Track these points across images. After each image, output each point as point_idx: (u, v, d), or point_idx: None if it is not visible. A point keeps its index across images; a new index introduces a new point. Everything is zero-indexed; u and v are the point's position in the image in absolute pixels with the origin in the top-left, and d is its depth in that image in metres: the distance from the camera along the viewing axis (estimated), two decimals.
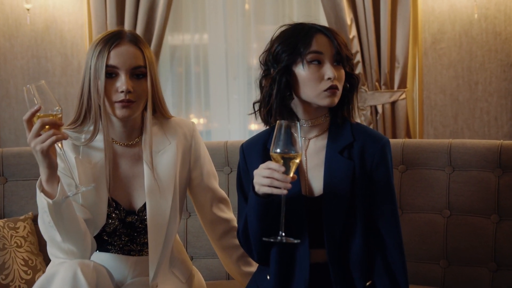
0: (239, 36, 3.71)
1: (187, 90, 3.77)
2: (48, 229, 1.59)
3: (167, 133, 1.80)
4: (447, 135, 3.62)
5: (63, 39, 3.62)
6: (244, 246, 1.69)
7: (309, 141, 1.68)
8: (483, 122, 3.58)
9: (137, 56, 1.70)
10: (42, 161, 1.51)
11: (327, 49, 1.61)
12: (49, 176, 1.53)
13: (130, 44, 1.70)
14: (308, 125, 1.67)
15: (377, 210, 1.62)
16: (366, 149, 1.63)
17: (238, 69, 3.74)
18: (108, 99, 1.68)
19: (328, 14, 3.46)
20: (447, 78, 3.58)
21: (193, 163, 1.84)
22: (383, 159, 1.63)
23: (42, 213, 1.57)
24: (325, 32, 1.63)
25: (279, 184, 1.47)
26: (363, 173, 1.62)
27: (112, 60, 1.67)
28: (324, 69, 1.60)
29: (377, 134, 1.68)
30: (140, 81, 1.69)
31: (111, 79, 1.68)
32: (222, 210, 1.87)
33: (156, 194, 1.73)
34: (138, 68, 1.69)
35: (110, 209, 1.73)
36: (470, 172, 2.18)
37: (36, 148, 1.49)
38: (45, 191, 1.54)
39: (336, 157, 1.63)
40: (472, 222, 2.15)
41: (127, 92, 1.65)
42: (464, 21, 3.53)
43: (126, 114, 1.67)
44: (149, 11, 3.48)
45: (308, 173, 1.66)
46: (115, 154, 1.76)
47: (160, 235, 1.72)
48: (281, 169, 1.47)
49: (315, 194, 1.64)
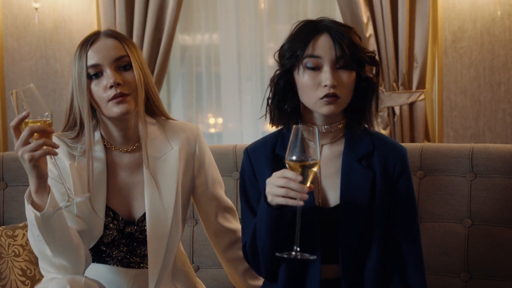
0: (251, 35, 3.61)
1: (198, 91, 3.68)
2: (38, 243, 1.50)
3: (169, 138, 1.70)
4: (468, 137, 3.49)
5: (72, 39, 3.55)
6: (251, 261, 1.59)
7: (322, 147, 1.57)
8: (505, 124, 3.44)
9: (117, 46, 1.61)
10: (31, 171, 1.42)
11: (326, 53, 1.48)
12: (39, 186, 1.44)
13: (105, 38, 1.61)
14: (322, 131, 1.56)
15: (397, 224, 1.53)
16: (388, 159, 1.53)
17: (251, 70, 3.65)
18: (100, 101, 1.58)
19: (344, 12, 3.35)
20: (468, 78, 3.45)
21: (197, 170, 1.74)
22: (405, 170, 1.54)
23: (31, 226, 1.48)
24: (329, 32, 1.49)
25: (295, 194, 1.36)
26: (384, 184, 1.52)
27: (92, 59, 1.58)
28: (322, 75, 1.48)
29: (397, 144, 1.59)
30: (127, 72, 1.60)
31: (97, 80, 1.59)
32: (228, 220, 1.77)
33: (156, 203, 1.63)
34: (121, 58, 1.60)
35: (107, 219, 1.64)
36: (494, 179, 2.05)
37: (24, 157, 1.39)
38: (34, 203, 1.45)
39: (354, 166, 1.52)
40: (496, 232, 2.03)
41: (117, 85, 1.56)
42: (486, 18, 3.39)
43: (124, 109, 1.57)
44: (159, 10, 3.41)
45: (323, 182, 1.55)
46: (113, 161, 1.66)
47: (161, 246, 1.62)
48: (298, 178, 1.36)
49: (330, 204, 1.54)
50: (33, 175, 1.42)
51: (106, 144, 1.67)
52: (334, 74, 1.48)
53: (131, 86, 1.59)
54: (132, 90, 1.59)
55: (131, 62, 1.60)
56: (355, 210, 1.50)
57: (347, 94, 1.50)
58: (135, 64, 1.60)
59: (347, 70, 1.49)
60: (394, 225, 1.53)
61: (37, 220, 1.44)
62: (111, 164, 1.66)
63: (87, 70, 1.58)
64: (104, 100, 1.58)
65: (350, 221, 1.49)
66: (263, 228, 1.47)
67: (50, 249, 1.49)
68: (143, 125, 1.62)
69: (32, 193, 1.45)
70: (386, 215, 1.52)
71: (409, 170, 1.56)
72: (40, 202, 1.44)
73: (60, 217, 1.48)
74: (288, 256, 1.40)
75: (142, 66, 1.63)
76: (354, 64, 1.49)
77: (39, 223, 1.44)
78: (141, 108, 1.62)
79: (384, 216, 1.52)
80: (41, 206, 1.44)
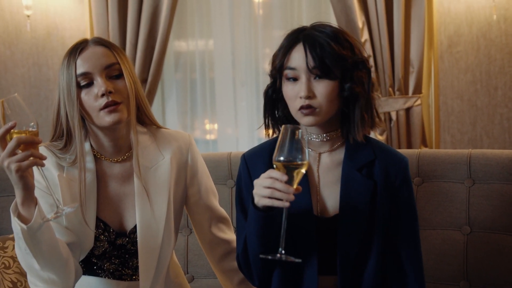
0: (246, 41, 3.58)
1: (192, 98, 3.64)
2: (25, 256, 1.45)
3: (160, 147, 1.66)
4: (465, 142, 3.46)
5: (65, 46, 3.51)
6: (244, 269, 1.55)
7: (320, 155, 1.53)
8: (503, 129, 3.42)
9: (107, 54, 1.56)
10: (17, 182, 1.37)
11: (301, 63, 1.44)
12: (25, 198, 1.39)
13: (94, 46, 1.57)
14: (320, 139, 1.52)
15: (397, 235, 1.50)
16: (389, 169, 1.50)
17: (246, 76, 3.61)
18: (91, 110, 1.54)
19: (339, 17, 3.33)
20: (464, 83, 3.42)
21: (190, 179, 1.70)
22: (406, 181, 1.51)
23: (17, 239, 1.43)
24: (304, 41, 1.44)
25: (281, 195, 1.32)
26: (384, 194, 1.49)
27: (81, 67, 1.54)
28: (298, 86, 1.45)
29: (399, 153, 1.55)
30: (118, 80, 1.56)
31: (87, 89, 1.54)
32: (222, 230, 1.73)
33: (147, 215, 1.59)
34: (112, 66, 1.55)
35: (98, 231, 1.59)
36: (492, 185, 2.02)
37: (10, 167, 1.35)
38: (21, 215, 1.40)
39: (354, 175, 1.49)
40: (495, 239, 2.00)
41: (108, 93, 1.52)
42: (482, 23, 3.36)
43: (117, 118, 1.53)
44: (152, 17, 3.38)
45: (321, 191, 1.51)
46: (104, 172, 1.62)
47: (152, 259, 1.58)
48: (284, 178, 1.33)
49: (329, 214, 1.50)
50: (19, 186, 1.38)
51: (96, 154, 1.63)
52: (309, 84, 1.44)
53: (123, 94, 1.56)
54: (124, 98, 1.56)
55: (122, 70, 1.57)
56: (355, 220, 1.46)
57: (327, 104, 1.44)
58: (126, 72, 1.57)
59: (325, 80, 1.44)
60: (394, 236, 1.50)
61: (23, 233, 1.40)
62: (101, 174, 1.62)
63: (76, 79, 1.54)
64: (95, 109, 1.54)
65: (349, 231, 1.46)
66: (253, 232, 1.43)
67: (38, 263, 1.45)
68: (134, 134, 1.59)
69: (19, 205, 1.41)
70: (386, 226, 1.49)
71: (410, 180, 1.53)
72: (26, 214, 1.40)
73: (48, 229, 1.44)
74: (273, 257, 1.35)
75: (132, 74, 1.59)
76: (331, 73, 1.43)
77: (26, 236, 1.40)
78: (132, 117, 1.58)
79: (384, 226, 1.48)
80: (28, 219, 1.40)
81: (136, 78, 1.61)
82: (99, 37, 1.62)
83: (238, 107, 3.64)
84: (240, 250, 1.52)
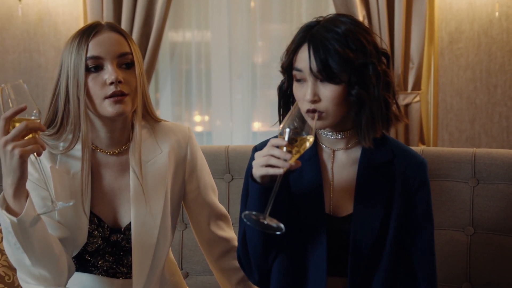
0: (243, 33, 3.51)
1: (187, 89, 3.57)
2: (15, 252, 1.37)
3: (158, 140, 1.58)
4: (463, 140, 3.41)
5: (57, 32, 3.42)
6: (244, 265, 1.48)
7: (335, 152, 1.47)
8: (501, 128, 3.37)
9: (122, 42, 1.49)
10: (16, 170, 1.29)
11: (305, 65, 1.37)
12: (18, 188, 1.31)
13: (110, 31, 1.49)
14: (335, 137, 1.45)
15: (412, 240, 1.44)
16: (408, 170, 1.44)
17: (242, 68, 3.54)
18: (95, 97, 1.46)
19: (339, 10, 3.26)
20: (464, 80, 3.37)
21: (188, 175, 1.63)
22: (425, 184, 1.45)
23: (6, 233, 1.35)
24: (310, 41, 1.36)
25: (277, 162, 1.25)
26: (401, 196, 1.42)
27: (94, 50, 1.46)
28: (305, 88, 1.38)
29: (418, 154, 1.49)
30: (129, 71, 1.49)
31: (95, 73, 1.46)
32: (221, 228, 1.66)
33: (143, 211, 1.52)
34: (125, 56, 1.48)
35: (92, 226, 1.51)
36: (497, 186, 1.97)
37: (14, 152, 1.27)
38: (9, 208, 1.32)
39: (370, 174, 1.42)
40: (499, 241, 1.95)
41: (118, 82, 1.44)
42: (483, 19, 3.31)
43: (121, 110, 1.45)
44: (148, 5, 3.29)
45: (335, 189, 1.45)
46: (98, 164, 1.54)
47: (147, 257, 1.51)
48: (282, 142, 1.26)
49: (341, 213, 1.44)
50: (17, 174, 1.29)
51: (91, 145, 1.55)
52: (315, 88, 1.37)
53: (131, 86, 1.48)
54: (131, 90, 1.48)
55: (134, 60, 1.49)
56: (369, 220, 1.40)
57: (333, 109, 1.37)
58: (137, 63, 1.49)
59: (330, 83, 1.36)
60: (408, 241, 1.45)
61: (13, 226, 1.32)
62: (95, 166, 1.54)
63: (86, 62, 1.45)
64: (100, 96, 1.46)
65: (363, 232, 1.40)
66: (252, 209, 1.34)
67: (29, 258, 1.37)
68: (139, 129, 1.51)
69: (9, 196, 1.32)
70: (401, 230, 1.43)
71: (429, 184, 1.47)
72: (16, 207, 1.32)
73: (40, 223, 1.36)
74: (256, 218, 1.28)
75: (142, 70, 1.52)
76: (335, 77, 1.35)
77: (16, 230, 1.32)
78: (139, 110, 1.51)
79: (398, 230, 1.42)
80: (17, 212, 1.32)
81: (144, 73, 1.54)
82: (114, 23, 1.54)
83: (233, 100, 3.57)
84: (240, 242, 1.46)
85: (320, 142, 1.48)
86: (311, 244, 1.40)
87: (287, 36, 3.49)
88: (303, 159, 1.41)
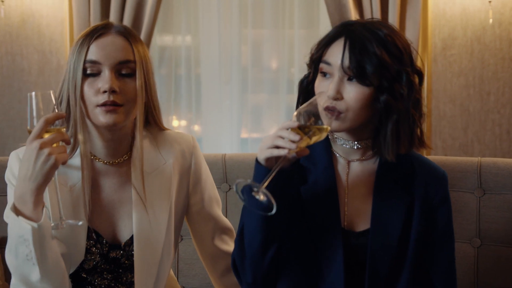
0: (234, 38, 3.43)
1: (177, 94, 3.48)
2: (24, 264, 1.29)
3: (161, 150, 1.49)
4: (456, 148, 3.38)
5: (41, 35, 3.30)
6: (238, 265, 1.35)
7: (350, 163, 1.39)
8: (494, 135, 3.35)
9: (125, 48, 1.40)
10: (45, 175, 1.25)
11: (336, 60, 1.30)
12: (38, 195, 1.27)
13: (116, 35, 1.40)
14: (350, 146, 1.38)
15: (432, 258, 1.37)
16: (429, 184, 1.36)
17: (231, 74, 3.46)
18: (88, 103, 1.38)
19: (332, 15, 3.20)
20: (457, 87, 3.34)
21: (193, 186, 1.54)
22: (446, 199, 1.39)
23: (18, 243, 1.27)
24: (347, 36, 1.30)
25: (283, 142, 1.17)
26: (421, 212, 1.35)
27: (93, 54, 1.37)
28: (328, 83, 1.31)
29: (438, 167, 1.42)
30: (129, 80, 1.40)
31: (92, 78, 1.38)
32: (225, 242, 1.57)
33: (146, 225, 1.42)
34: (126, 64, 1.39)
35: (90, 243, 1.42)
36: (504, 196, 1.92)
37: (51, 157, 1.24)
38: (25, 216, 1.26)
39: (389, 187, 1.35)
40: (507, 253, 1.90)
41: (111, 91, 1.35)
42: (477, 26, 3.29)
43: (111, 121, 1.37)
44: (136, 8, 3.20)
45: (350, 202, 1.37)
46: (97, 175, 1.45)
47: (150, 275, 1.42)
48: (294, 124, 1.18)
49: (357, 228, 1.36)
50: (43, 180, 1.26)
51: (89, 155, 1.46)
52: (340, 85, 1.29)
53: (128, 96, 1.39)
54: (128, 101, 1.39)
55: (136, 69, 1.40)
56: (387, 236, 1.33)
57: (355, 111, 1.29)
58: (140, 72, 1.40)
59: (358, 84, 1.28)
60: (428, 259, 1.38)
61: (33, 233, 1.25)
62: (94, 177, 1.45)
63: (84, 65, 1.37)
64: (92, 104, 1.38)
65: (381, 248, 1.33)
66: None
67: (40, 271, 1.29)
68: (140, 141, 1.42)
69: (28, 203, 1.26)
70: (421, 246, 1.36)
71: (449, 199, 1.41)
72: (34, 215, 1.27)
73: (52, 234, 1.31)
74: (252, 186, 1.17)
75: (147, 75, 1.42)
76: (366, 78, 1.27)
77: (35, 237, 1.26)
78: (140, 122, 1.42)
79: (418, 247, 1.35)
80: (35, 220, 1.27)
81: (152, 79, 1.44)
82: (125, 26, 1.45)
83: (223, 106, 3.49)
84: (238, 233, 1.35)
85: (335, 151, 1.41)
86: (326, 260, 1.32)
87: (279, 41, 3.42)
88: (318, 169, 1.33)
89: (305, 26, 3.45)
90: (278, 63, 3.46)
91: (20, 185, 1.27)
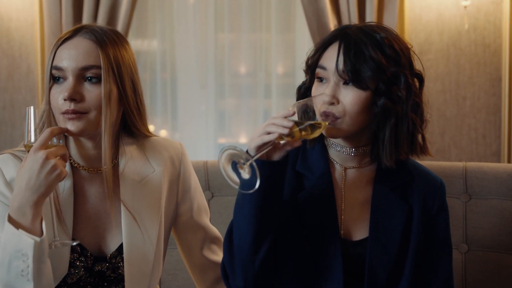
0: (210, 43, 3.38)
1: (152, 100, 3.41)
2: (16, 279, 1.23)
3: (150, 157, 1.43)
4: (433, 153, 3.33)
5: (10, 39, 3.19)
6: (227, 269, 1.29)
7: (347, 171, 1.35)
8: (470, 140, 3.37)
9: (90, 52, 1.32)
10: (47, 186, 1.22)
11: (332, 64, 1.27)
12: (37, 207, 1.22)
13: (82, 39, 1.33)
14: (347, 153, 1.34)
15: (431, 267, 1.34)
16: (427, 192, 1.35)
17: (207, 78, 3.41)
18: (54, 110, 1.33)
19: (310, 20, 3.19)
20: (434, 91, 3.35)
21: (182, 195, 1.48)
22: (444, 207, 1.37)
23: (13, 258, 1.22)
24: (342, 40, 1.27)
25: (275, 128, 1.14)
26: (420, 220, 1.33)
27: (57, 60, 1.32)
28: (324, 88, 1.27)
29: (435, 175, 1.41)
30: (94, 86, 1.32)
31: (58, 84, 1.32)
32: (214, 252, 1.51)
33: (136, 237, 1.36)
34: (89, 69, 1.31)
35: (73, 256, 1.35)
36: (490, 201, 1.91)
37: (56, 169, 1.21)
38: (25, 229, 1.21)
39: (387, 196, 1.32)
40: (494, 258, 1.89)
41: (71, 100, 1.29)
42: (453, 31, 3.31)
43: (75, 129, 1.30)
44: (110, 11, 3.12)
45: (347, 211, 1.34)
46: (81, 184, 1.38)
47: None
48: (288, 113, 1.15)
49: (354, 237, 1.33)
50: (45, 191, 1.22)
51: (73, 163, 1.39)
52: (336, 89, 1.26)
53: (93, 103, 1.31)
54: (93, 108, 1.31)
55: (102, 75, 1.32)
56: (385, 245, 1.30)
57: (352, 116, 1.26)
58: (106, 77, 1.31)
59: (354, 88, 1.26)
60: (426, 269, 1.35)
61: (34, 247, 1.20)
62: (78, 187, 1.38)
63: (51, 71, 1.32)
64: (57, 111, 1.32)
65: (380, 257, 1.30)
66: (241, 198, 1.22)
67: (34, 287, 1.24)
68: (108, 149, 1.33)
69: (27, 216, 1.21)
70: (419, 256, 1.34)
71: (447, 206, 1.39)
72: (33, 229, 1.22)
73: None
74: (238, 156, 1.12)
75: (122, 81, 1.34)
76: (362, 81, 1.24)
77: (36, 252, 1.21)
78: (107, 130, 1.32)
79: (416, 256, 1.33)
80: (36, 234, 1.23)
81: (128, 85, 1.36)
82: (100, 27, 1.37)
83: (200, 111, 3.43)
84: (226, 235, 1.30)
85: (331, 158, 1.37)
86: (324, 269, 1.28)
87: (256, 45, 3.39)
88: (315, 175, 1.30)
89: (282, 30, 3.43)
90: (255, 67, 3.42)
91: (19, 195, 1.21)
